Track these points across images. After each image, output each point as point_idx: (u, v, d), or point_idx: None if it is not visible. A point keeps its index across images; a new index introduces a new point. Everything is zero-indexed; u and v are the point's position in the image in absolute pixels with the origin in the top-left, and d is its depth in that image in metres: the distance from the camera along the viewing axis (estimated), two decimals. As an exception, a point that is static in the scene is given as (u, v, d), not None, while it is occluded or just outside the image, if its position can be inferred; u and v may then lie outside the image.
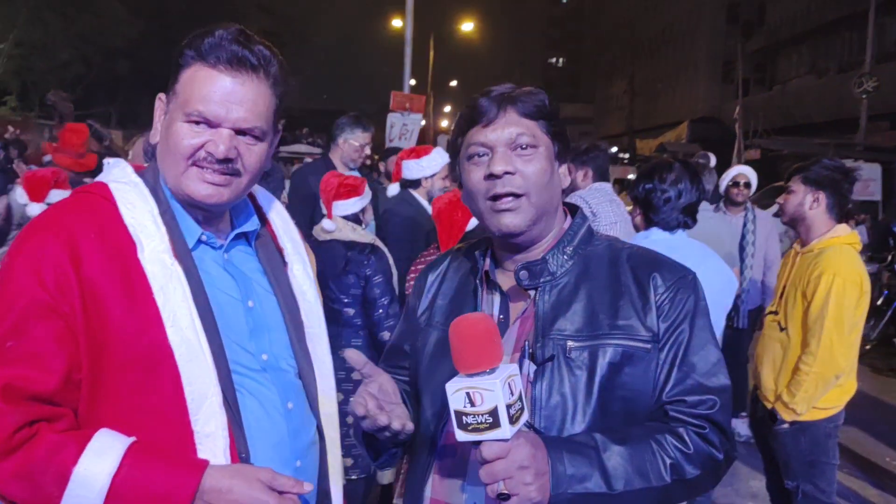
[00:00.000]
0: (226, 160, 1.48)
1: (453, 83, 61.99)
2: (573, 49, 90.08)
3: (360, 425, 1.50)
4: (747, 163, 14.55)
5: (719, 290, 3.15)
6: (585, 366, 1.47)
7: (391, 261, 3.77)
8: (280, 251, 1.76)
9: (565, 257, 1.56)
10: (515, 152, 1.51)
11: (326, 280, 3.61)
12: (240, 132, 1.50)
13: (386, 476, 3.97)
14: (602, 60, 66.19)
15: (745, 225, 6.05)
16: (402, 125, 10.36)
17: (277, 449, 1.58)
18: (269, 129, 1.56)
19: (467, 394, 1.25)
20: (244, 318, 1.60)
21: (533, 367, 1.49)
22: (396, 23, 23.23)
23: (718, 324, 3.28)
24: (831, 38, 30.07)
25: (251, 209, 1.74)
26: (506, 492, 1.26)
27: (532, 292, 1.56)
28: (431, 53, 33.37)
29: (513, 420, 1.26)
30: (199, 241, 1.58)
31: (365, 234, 3.78)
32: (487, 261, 1.64)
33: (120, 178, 1.56)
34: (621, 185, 21.51)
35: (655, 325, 1.50)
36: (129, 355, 1.42)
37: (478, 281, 1.63)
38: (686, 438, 1.45)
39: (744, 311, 5.98)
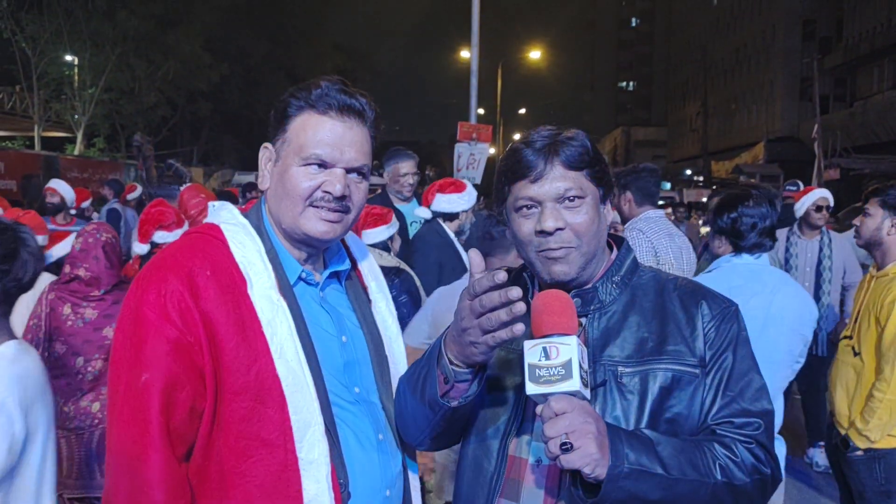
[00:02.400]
0: (341, 197, 1.60)
1: (522, 111, 62.25)
2: (644, 72, 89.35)
3: (473, 307, 1.38)
4: (827, 183, 14.09)
5: (797, 318, 3.16)
6: (637, 390, 1.53)
7: (418, 282, 3.89)
8: (365, 289, 1.87)
9: (613, 286, 1.63)
10: (563, 205, 1.55)
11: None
12: (350, 171, 1.62)
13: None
14: (674, 82, 65.43)
15: (820, 250, 5.87)
16: (470, 155, 10.53)
17: (370, 478, 1.65)
18: (370, 167, 1.68)
19: (544, 348, 1.35)
20: (339, 352, 1.69)
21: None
22: (465, 54, 23.57)
23: (793, 351, 3.21)
24: (915, 50, 28.96)
25: (342, 249, 1.84)
26: (569, 441, 1.32)
27: (582, 319, 1.61)
28: (499, 82, 33.68)
29: (582, 381, 1.34)
30: (299, 279, 1.67)
31: (391, 259, 3.95)
32: (537, 285, 1.70)
33: (229, 219, 1.66)
34: (696, 208, 21.07)
35: (702, 351, 1.56)
36: (240, 384, 1.51)
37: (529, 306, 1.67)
38: (734, 448, 1.50)
39: (822, 339, 5.80)
